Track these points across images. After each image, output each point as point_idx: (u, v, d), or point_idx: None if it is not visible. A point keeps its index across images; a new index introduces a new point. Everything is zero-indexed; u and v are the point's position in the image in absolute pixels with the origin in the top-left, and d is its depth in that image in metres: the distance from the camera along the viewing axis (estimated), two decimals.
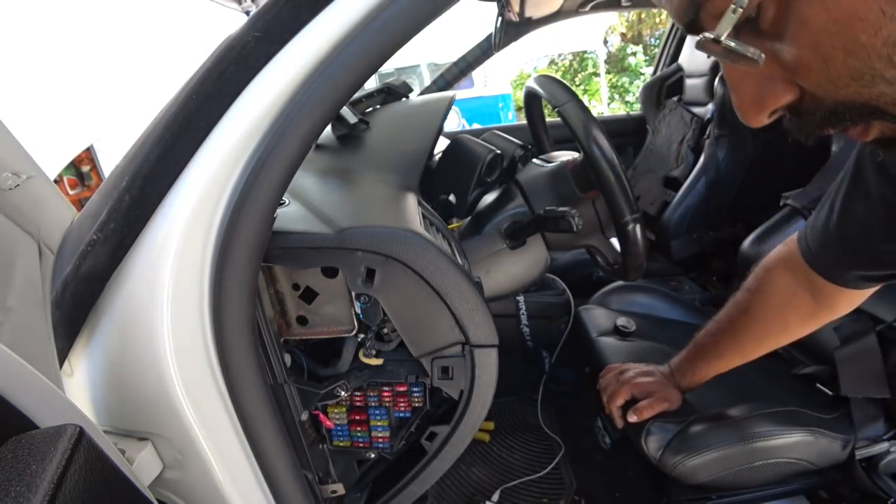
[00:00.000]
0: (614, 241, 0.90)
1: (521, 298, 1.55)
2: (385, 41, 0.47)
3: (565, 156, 0.95)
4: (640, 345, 1.23)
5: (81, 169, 2.47)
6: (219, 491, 0.58)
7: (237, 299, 0.53)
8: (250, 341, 0.55)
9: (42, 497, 0.23)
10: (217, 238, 0.50)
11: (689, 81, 2.16)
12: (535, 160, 0.98)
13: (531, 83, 0.91)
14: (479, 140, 0.96)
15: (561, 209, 0.74)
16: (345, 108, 0.87)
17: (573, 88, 0.83)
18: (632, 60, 7.33)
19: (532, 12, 1.80)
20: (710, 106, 1.96)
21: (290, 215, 0.62)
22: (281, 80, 0.46)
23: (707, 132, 1.93)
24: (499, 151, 0.94)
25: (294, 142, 0.48)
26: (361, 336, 0.67)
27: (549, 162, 0.95)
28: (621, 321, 1.25)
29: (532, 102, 1.03)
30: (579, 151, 0.85)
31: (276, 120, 0.47)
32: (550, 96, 0.83)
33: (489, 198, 0.97)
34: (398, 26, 0.47)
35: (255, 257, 0.52)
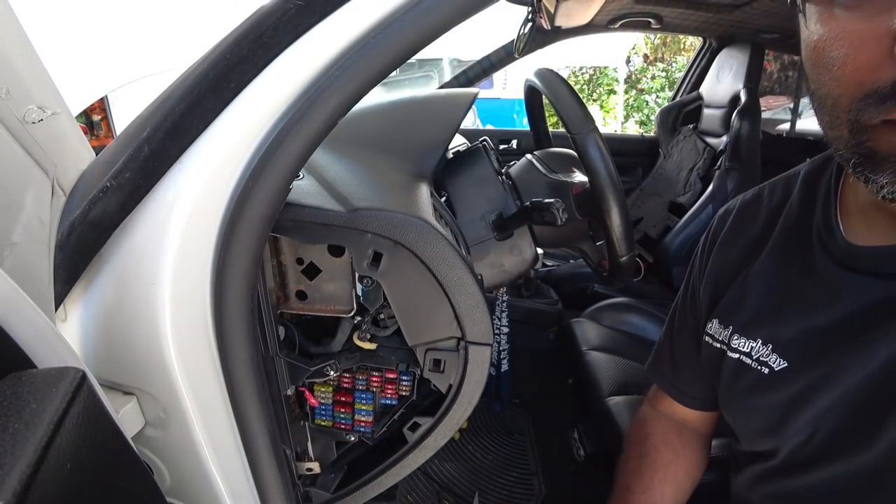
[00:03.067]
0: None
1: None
2: (426, 27, 0.47)
3: (564, 153, 0.94)
4: (626, 364, 1.24)
5: (92, 118, 2.45)
6: (197, 453, 0.58)
7: (241, 264, 0.52)
8: (248, 308, 0.55)
9: (41, 437, 0.22)
10: (230, 201, 0.49)
11: (707, 111, 2.17)
12: (530, 157, 0.97)
13: (532, 77, 0.90)
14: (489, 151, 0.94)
15: (546, 200, 0.74)
16: None
17: (589, 102, 0.82)
18: (651, 83, 7.34)
19: (563, 22, 1.80)
20: (725, 138, 1.98)
21: (305, 189, 0.61)
22: (318, 51, 0.46)
23: (718, 163, 1.95)
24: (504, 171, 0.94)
25: (321, 116, 0.48)
26: (358, 318, 0.67)
27: (546, 160, 0.94)
28: None
29: (532, 97, 1.01)
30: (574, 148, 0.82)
31: (307, 91, 0.47)
32: (550, 93, 0.80)
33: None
34: (441, 14, 0.47)
35: (266, 225, 0.51)
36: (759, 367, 0.55)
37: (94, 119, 2.48)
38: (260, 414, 0.59)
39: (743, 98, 1.91)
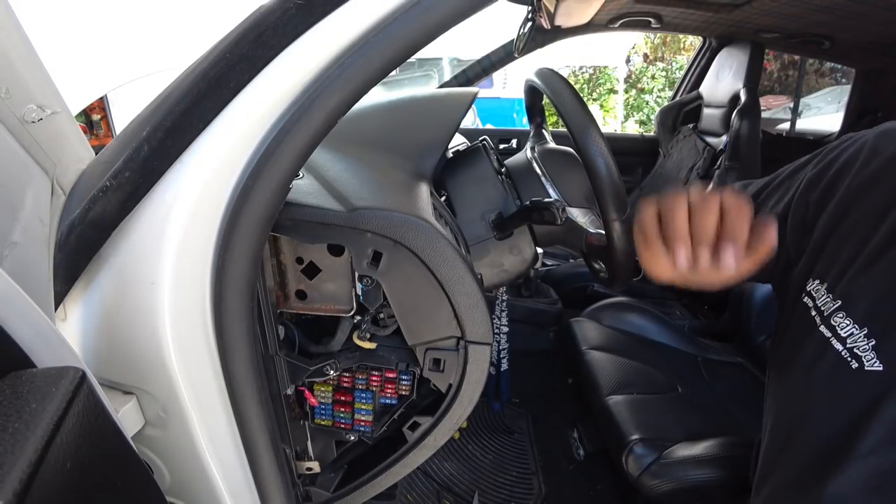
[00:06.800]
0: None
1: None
2: (425, 27, 0.47)
3: (565, 150, 0.94)
4: (626, 363, 1.24)
5: (92, 117, 2.45)
6: (197, 453, 0.58)
7: (241, 264, 0.52)
8: (248, 308, 0.55)
9: (41, 437, 0.22)
10: (230, 201, 0.49)
11: (706, 111, 2.17)
12: (530, 156, 0.96)
13: (532, 76, 0.89)
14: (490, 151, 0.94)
15: (546, 200, 0.74)
16: None
17: (589, 101, 0.80)
18: (651, 83, 7.34)
19: (563, 21, 1.80)
20: (725, 137, 1.98)
21: (304, 188, 0.61)
22: (317, 50, 0.46)
23: (718, 163, 1.95)
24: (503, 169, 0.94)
25: (320, 115, 0.48)
26: (358, 318, 0.67)
27: (544, 160, 0.93)
28: None
29: (532, 96, 1.01)
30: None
31: (306, 90, 0.47)
32: (549, 90, 0.80)
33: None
34: (440, 14, 0.47)
35: (266, 225, 0.51)
36: (848, 358, 0.49)
37: (94, 118, 2.50)
38: (259, 413, 0.59)
39: (743, 97, 1.91)
